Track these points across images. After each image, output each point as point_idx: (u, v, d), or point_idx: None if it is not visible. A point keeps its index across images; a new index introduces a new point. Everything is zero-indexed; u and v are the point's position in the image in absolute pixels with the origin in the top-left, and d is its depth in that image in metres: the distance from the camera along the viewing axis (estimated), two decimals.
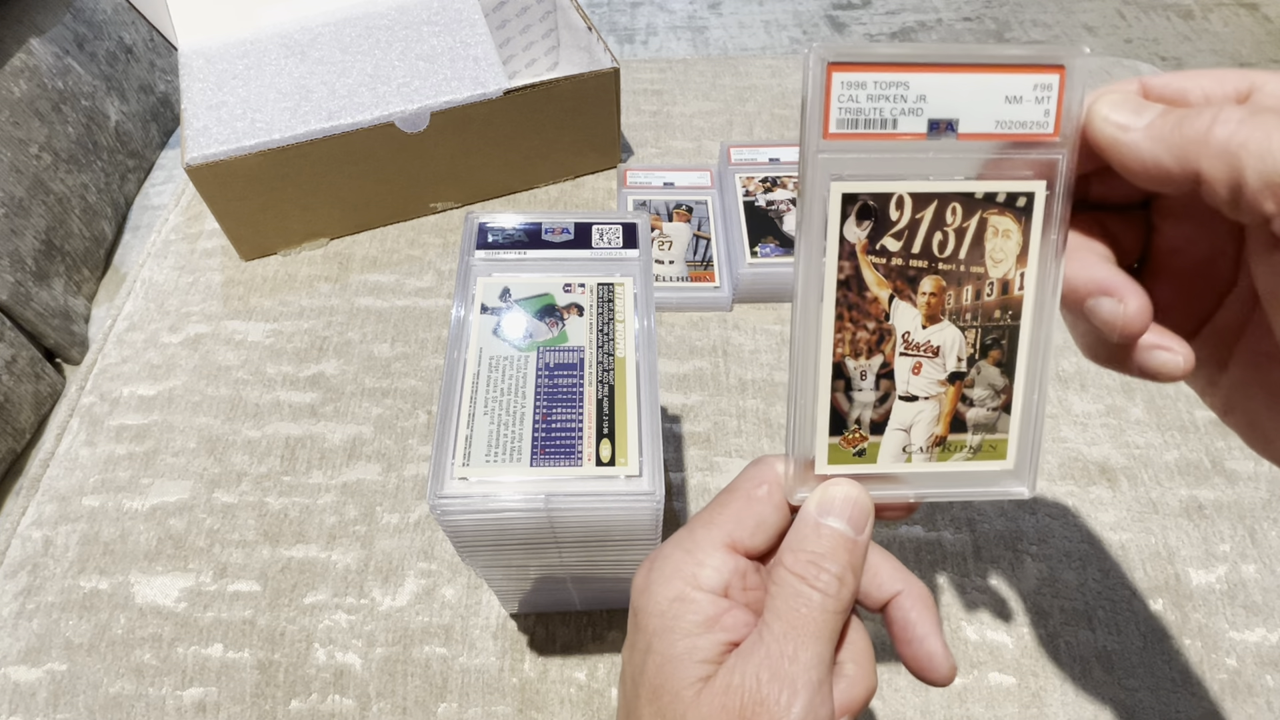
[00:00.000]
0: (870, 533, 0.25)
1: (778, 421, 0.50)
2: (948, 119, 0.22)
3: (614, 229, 0.37)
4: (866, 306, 0.23)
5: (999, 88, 0.21)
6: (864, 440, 0.25)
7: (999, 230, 0.23)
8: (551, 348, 0.33)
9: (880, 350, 0.24)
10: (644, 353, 0.33)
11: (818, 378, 0.24)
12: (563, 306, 0.34)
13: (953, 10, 1.92)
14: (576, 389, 0.32)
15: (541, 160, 0.64)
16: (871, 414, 0.24)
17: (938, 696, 0.40)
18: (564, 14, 0.68)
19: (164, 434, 0.51)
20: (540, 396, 0.32)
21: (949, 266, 0.23)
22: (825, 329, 0.23)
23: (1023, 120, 0.22)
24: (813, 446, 0.24)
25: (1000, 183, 0.22)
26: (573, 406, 0.32)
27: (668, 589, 0.24)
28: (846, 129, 0.22)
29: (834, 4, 1.94)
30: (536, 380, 0.32)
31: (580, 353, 0.33)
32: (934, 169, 0.22)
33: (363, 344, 0.55)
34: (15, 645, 0.43)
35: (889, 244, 0.23)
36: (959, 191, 0.22)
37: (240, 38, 0.62)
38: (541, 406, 0.31)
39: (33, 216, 0.77)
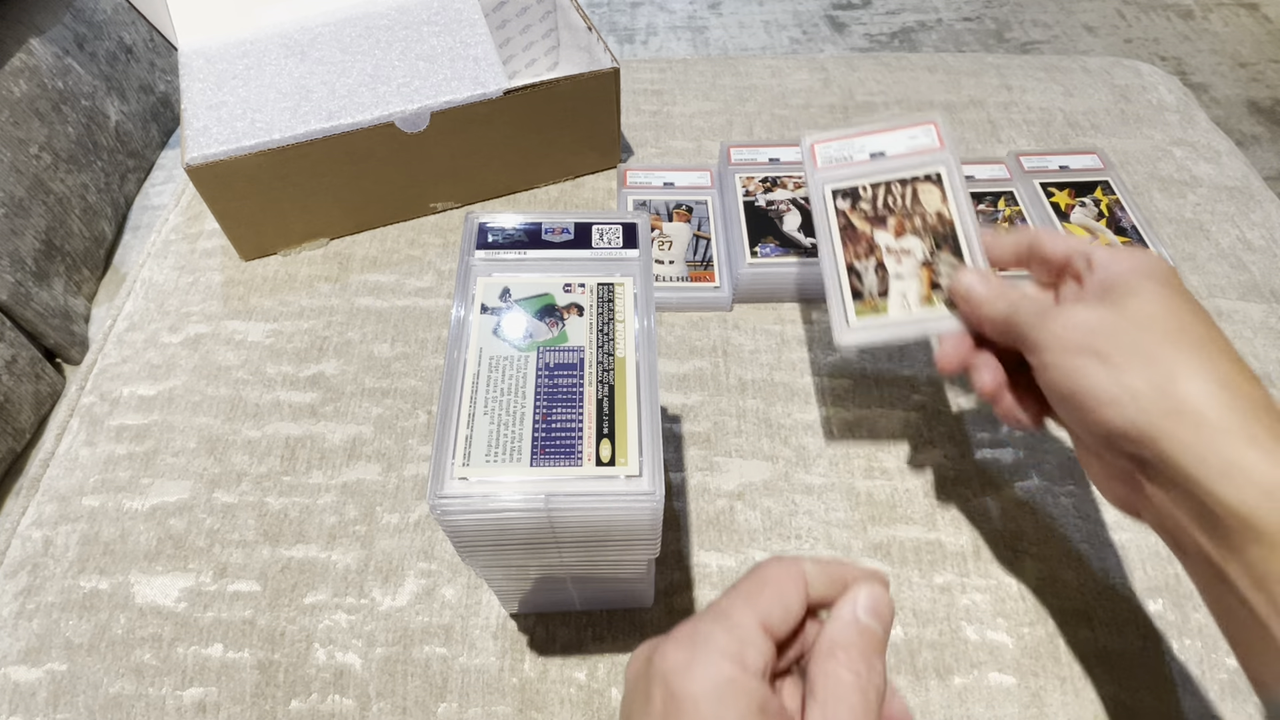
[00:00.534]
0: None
1: (778, 421, 0.50)
2: (880, 151, 0.45)
3: (614, 229, 0.37)
4: (858, 236, 0.42)
5: (907, 134, 0.44)
6: (874, 303, 0.41)
7: (926, 189, 0.43)
8: (551, 348, 0.33)
9: (873, 254, 0.42)
10: (644, 352, 0.33)
11: (839, 273, 0.42)
12: (563, 306, 0.34)
13: (953, 10, 1.92)
14: (576, 389, 0.32)
15: (541, 160, 0.64)
16: (876, 288, 0.41)
17: (938, 696, 0.40)
18: (564, 14, 0.68)
19: (164, 434, 0.51)
20: (540, 396, 0.32)
21: (902, 211, 0.43)
22: (837, 249, 0.42)
23: (922, 144, 0.44)
24: (845, 310, 0.41)
25: (923, 168, 0.43)
26: (573, 406, 0.31)
27: (716, 671, 0.23)
28: (827, 164, 0.45)
29: (834, 4, 1.94)
30: (536, 380, 0.32)
31: (580, 353, 0.33)
32: (875, 175, 0.44)
33: (363, 344, 0.55)
34: (15, 645, 0.43)
35: (864, 208, 0.43)
36: (897, 178, 0.44)
37: (240, 38, 0.62)
38: (541, 406, 0.31)
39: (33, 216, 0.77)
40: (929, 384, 0.52)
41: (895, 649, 0.42)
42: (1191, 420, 0.28)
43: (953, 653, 0.41)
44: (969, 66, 0.78)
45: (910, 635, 0.42)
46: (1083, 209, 0.62)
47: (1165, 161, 0.68)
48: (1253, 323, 0.56)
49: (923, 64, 0.78)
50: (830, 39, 1.84)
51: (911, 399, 0.52)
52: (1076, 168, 0.65)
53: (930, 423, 0.50)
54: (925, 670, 0.41)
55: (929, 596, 0.43)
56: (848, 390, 0.52)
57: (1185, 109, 0.73)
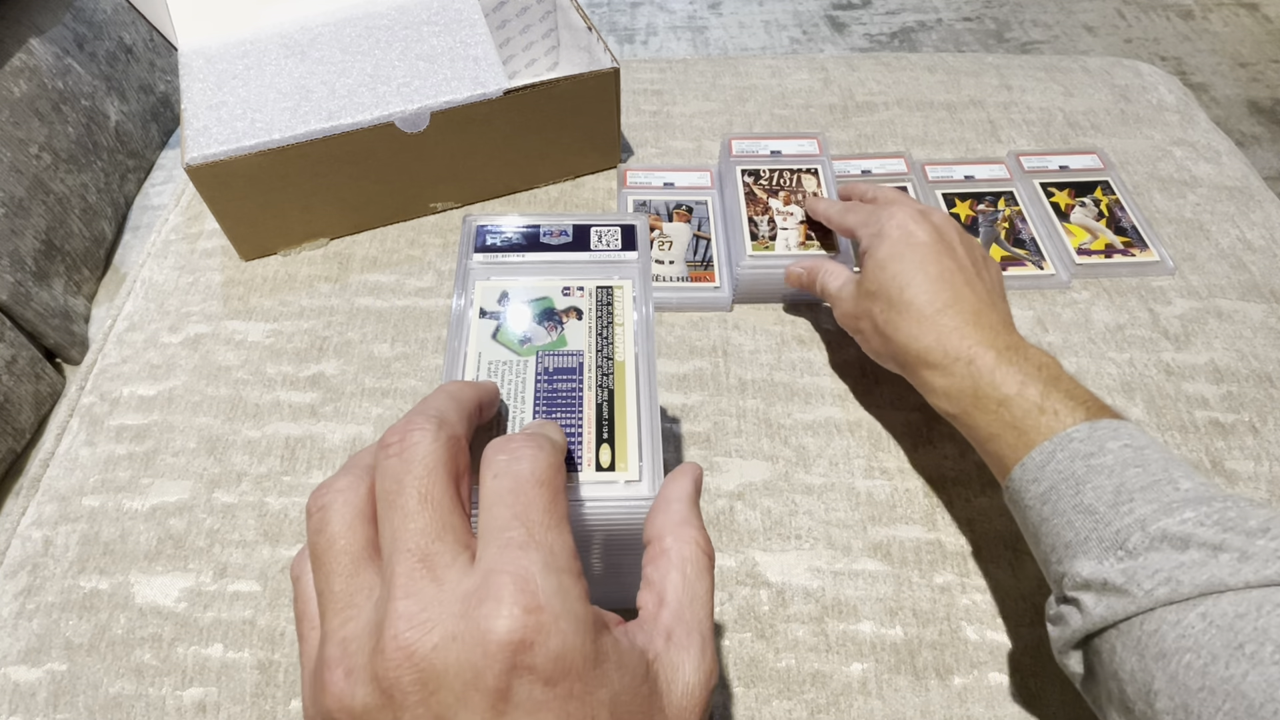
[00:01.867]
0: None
1: (778, 421, 0.50)
2: (778, 151, 0.61)
3: (613, 231, 0.37)
4: (758, 200, 0.58)
5: (797, 143, 0.62)
6: (766, 244, 0.55)
7: (807, 178, 0.59)
8: (550, 352, 0.33)
9: (767, 213, 0.57)
10: (643, 356, 0.33)
11: (743, 222, 0.57)
12: (561, 310, 0.34)
13: (953, 10, 1.92)
14: (576, 394, 0.32)
15: (541, 160, 0.64)
16: (767, 234, 0.56)
17: (938, 696, 0.40)
18: (564, 14, 0.68)
19: (164, 434, 0.51)
20: (540, 401, 0.31)
21: (789, 188, 0.58)
22: (742, 207, 0.58)
23: (807, 150, 0.61)
24: (745, 246, 0.55)
25: (806, 164, 0.60)
26: (572, 411, 0.31)
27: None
28: (739, 155, 0.61)
29: (834, 4, 1.94)
30: (536, 385, 0.32)
31: (579, 357, 0.33)
32: (772, 164, 0.60)
33: (363, 344, 0.55)
34: (15, 645, 0.43)
35: (764, 183, 0.59)
36: (788, 168, 0.60)
37: (240, 38, 0.62)
38: (540, 412, 0.31)
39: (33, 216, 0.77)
40: None
41: (895, 649, 0.42)
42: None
43: (953, 653, 0.41)
44: (969, 66, 0.78)
45: (910, 635, 0.42)
46: (1083, 209, 0.62)
47: (1165, 161, 0.68)
48: (1253, 323, 0.56)
49: (923, 64, 0.78)
50: (830, 39, 1.84)
51: (911, 399, 0.52)
52: (1076, 168, 0.65)
53: (930, 423, 0.50)
54: (925, 670, 0.41)
55: (929, 596, 0.43)
56: (848, 390, 0.52)
57: (1185, 109, 0.73)
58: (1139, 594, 0.30)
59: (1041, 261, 0.58)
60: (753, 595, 0.43)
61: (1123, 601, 0.31)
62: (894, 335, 0.44)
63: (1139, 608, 0.30)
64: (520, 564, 0.20)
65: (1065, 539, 0.34)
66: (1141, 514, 0.32)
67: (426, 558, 0.21)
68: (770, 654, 0.41)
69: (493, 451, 0.24)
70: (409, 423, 0.23)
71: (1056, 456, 0.36)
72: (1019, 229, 0.60)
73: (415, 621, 0.19)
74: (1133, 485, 0.34)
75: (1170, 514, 0.32)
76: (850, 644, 0.42)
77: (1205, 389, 0.52)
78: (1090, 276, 0.58)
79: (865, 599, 0.43)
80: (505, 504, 0.22)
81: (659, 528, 0.26)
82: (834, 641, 0.42)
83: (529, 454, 0.23)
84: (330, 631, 0.21)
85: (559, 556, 0.21)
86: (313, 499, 0.24)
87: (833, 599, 0.43)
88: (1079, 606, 0.33)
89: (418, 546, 0.21)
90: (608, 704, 0.20)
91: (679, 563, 0.25)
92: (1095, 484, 0.34)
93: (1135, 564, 0.31)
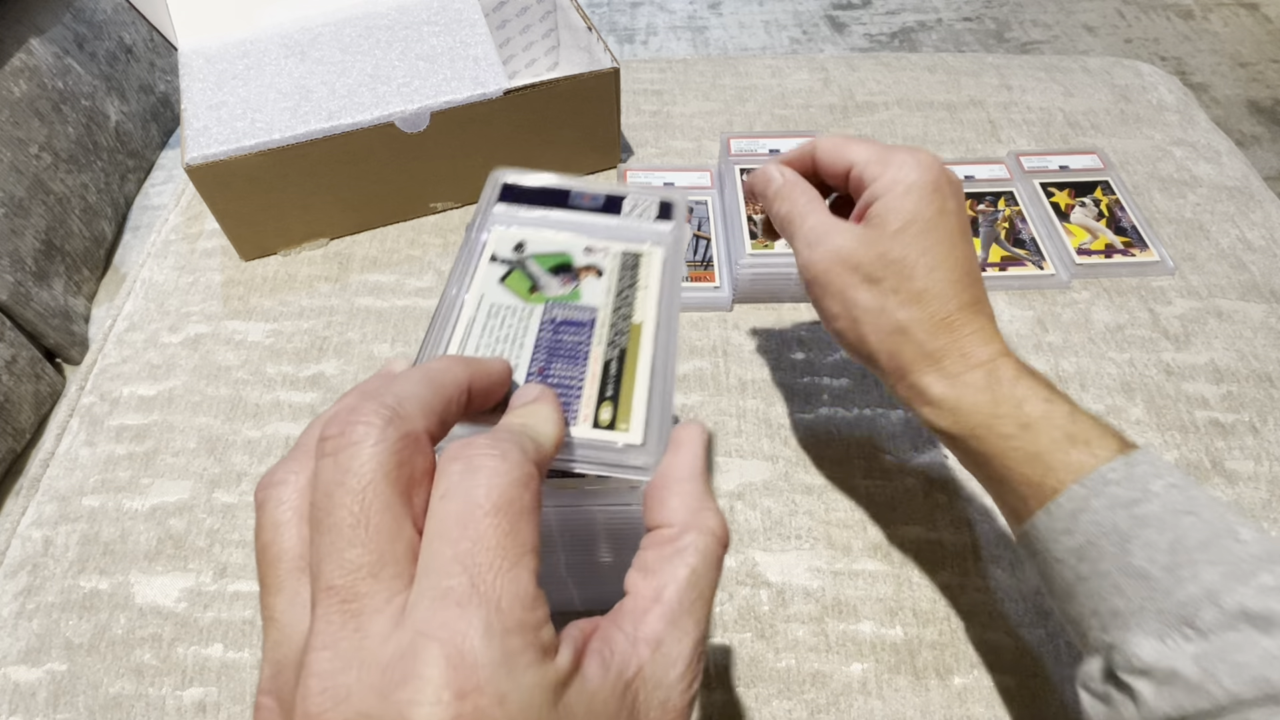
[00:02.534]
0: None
1: (778, 421, 0.50)
2: (776, 149, 0.62)
3: (650, 205, 0.33)
4: (757, 202, 0.44)
5: (795, 141, 0.62)
6: (765, 243, 0.56)
7: None
8: (561, 303, 0.29)
9: (761, 213, 0.53)
10: (664, 321, 0.29)
11: (741, 223, 0.57)
12: (580, 266, 0.31)
13: (953, 10, 1.92)
14: (582, 347, 0.28)
15: (541, 160, 0.64)
16: (764, 233, 0.56)
17: (938, 696, 0.40)
18: (564, 14, 0.68)
19: (164, 434, 0.51)
20: (540, 350, 0.28)
21: None
22: (741, 206, 0.58)
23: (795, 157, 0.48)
24: (744, 244, 0.56)
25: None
26: (575, 363, 0.28)
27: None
28: (737, 153, 0.63)
29: (834, 4, 1.94)
30: (539, 334, 0.28)
31: (593, 312, 0.29)
32: (769, 161, 0.47)
33: (363, 344, 0.55)
34: (15, 645, 0.43)
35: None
36: None
37: (240, 38, 0.62)
38: (539, 360, 0.28)
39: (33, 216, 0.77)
40: None
41: (895, 649, 0.42)
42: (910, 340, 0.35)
43: (953, 653, 0.41)
44: (969, 66, 0.78)
45: (910, 635, 0.42)
46: (1083, 209, 0.62)
47: (1165, 161, 0.68)
48: (1253, 323, 0.56)
49: (923, 64, 0.78)
50: (830, 39, 1.84)
51: None
52: (1076, 168, 0.65)
53: None
54: (925, 670, 0.41)
55: (929, 596, 0.43)
56: (848, 390, 0.52)
57: (1185, 109, 0.73)
58: (1218, 693, 0.25)
59: (1041, 261, 0.58)
60: (753, 595, 0.43)
61: (1195, 698, 0.25)
62: (889, 324, 0.34)
63: (1216, 706, 0.25)
64: (455, 628, 0.16)
65: (1112, 605, 0.29)
66: (1209, 581, 0.26)
67: (351, 599, 0.17)
68: (770, 654, 0.41)
69: (447, 458, 0.19)
70: (354, 412, 0.19)
71: (1093, 504, 0.29)
72: (1019, 229, 0.60)
73: (327, 686, 0.16)
74: (1190, 540, 0.28)
75: (1244, 580, 0.26)
76: (850, 644, 0.42)
77: (1205, 389, 0.52)
78: (1090, 276, 0.58)
79: (865, 599, 0.43)
80: (449, 539, 0.18)
81: (669, 513, 0.22)
82: (834, 641, 0.42)
83: (489, 466, 0.19)
84: (265, 647, 0.19)
85: (508, 611, 0.17)
86: (256, 489, 0.21)
87: (833, 599, 0.43)
88: (1134, 696, 0.27)
89: (344, 584, 0.17)
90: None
91: (690, 556, 0.21)
92: (1145, 539, 0.28)
93: (1209, 649, 0.25)
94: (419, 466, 0.19)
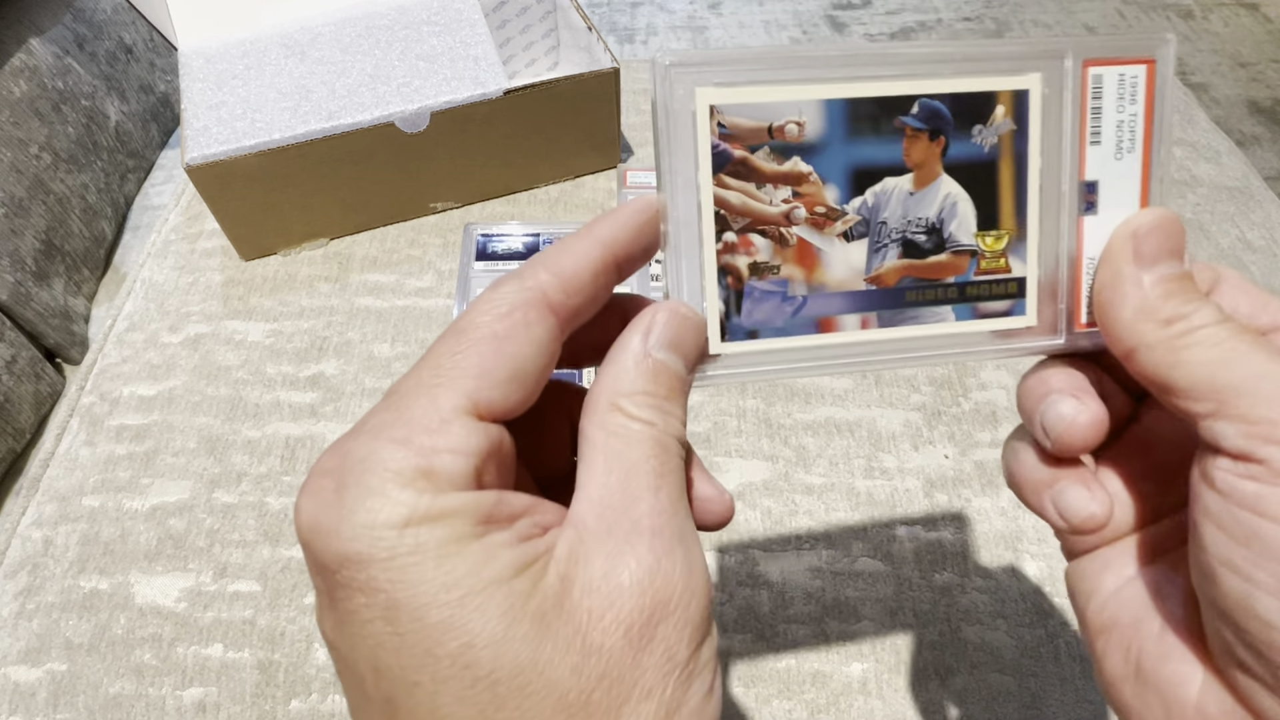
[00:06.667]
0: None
1: (778, 421, 0.50)
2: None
3: None
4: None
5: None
6: None
7: None
8: None
9: None
10: None
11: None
12: None
13: (953, 10, 1.92)
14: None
15: (541, 160, 0.64)
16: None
17: (938, 697, 0.40)
18: (564, 14, 0.68)
19: (164, 434, 0.51)
20: None
21: None
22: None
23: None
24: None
25: None
26: None
27: (377, 513, 0.15)
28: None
29: (834, 4, 1.94)
30: None
31: None
32: None
33: (363, 344, 0.55)
34: (15, 645, 0.43)
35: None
36: None
37: (240, 38, 0.62)
38: None
39: (33, 216, 0.77)
40: (929, 384, 0.52)
41: (896, 649, 0.42)
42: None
43: (953, 653, 0.41)
44: None
45: (910, 635, 0.42)
46: None
47: None
48: None
49: None
50: (830, 39, 1.84)
51: (911, 399, 0.52)
52: None
53: (930, 423, 0.50)
54: (925, 670, 0.41)
55: (929, 597, 0.43)
56: (848, 390, 0.52)
57: (1185, 109, 0.73)
58: None
59: None
60: (753, 596, 0.43)
61: None
62: None
63: None
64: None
65: None
66: None
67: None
68: (770, 654, 0.41)
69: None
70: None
71: None
72: None
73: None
74: None
75: None
76: (850, 644, 0.42)
77: None
78: None
79: (865, 599, 0.43)
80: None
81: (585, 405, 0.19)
82: (834, 641, 0.42)
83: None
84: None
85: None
86: None
87: (833, 599, 0.43)
88: None
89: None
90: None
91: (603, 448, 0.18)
92: None
93: None
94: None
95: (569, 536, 0.17)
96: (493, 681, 0.15)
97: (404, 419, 0.17)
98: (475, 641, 0.15)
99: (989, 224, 0.22)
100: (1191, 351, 0.18)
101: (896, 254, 0.22)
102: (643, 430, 0.18)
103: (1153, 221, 0.21)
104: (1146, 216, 0.21)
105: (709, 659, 0.17)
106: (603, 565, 0.16)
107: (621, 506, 0.17)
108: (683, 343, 0.19)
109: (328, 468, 0.17)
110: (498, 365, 0.17)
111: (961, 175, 0.22)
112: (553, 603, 0.15)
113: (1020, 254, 0.23)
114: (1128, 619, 0.20)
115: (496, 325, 0.18)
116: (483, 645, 0.15)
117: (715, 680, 0.17)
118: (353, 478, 0.16)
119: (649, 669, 0.16)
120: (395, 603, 0.15)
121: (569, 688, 0.15)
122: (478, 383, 0.17)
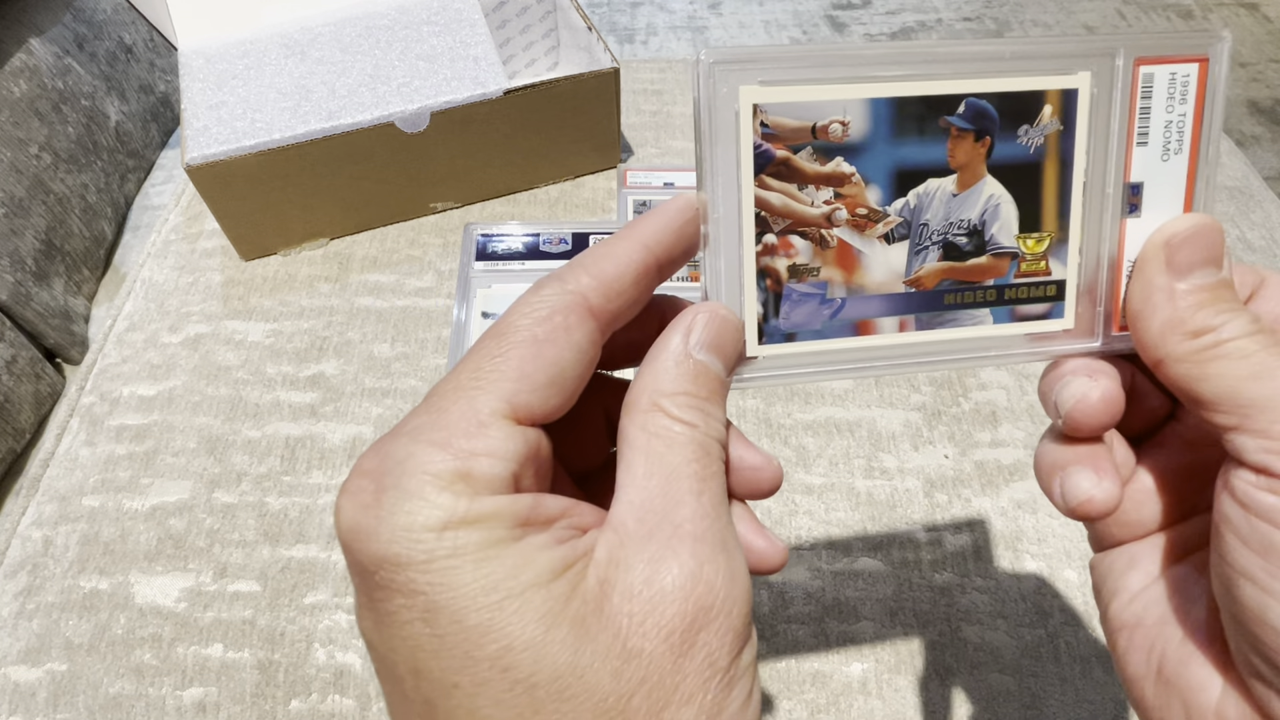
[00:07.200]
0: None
1: (778, 421, 0.50)
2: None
3: None
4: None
5: None
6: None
7: None
8: None
9: None
10: None
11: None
12: None
13: (953, 10, 1.92)
14: None
15: (541, 160, 0.64)
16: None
17: (938, 697, 0.40)
18: (564, 14, 0.68)
19: (164, 434, 0.51)
20: None
21: None
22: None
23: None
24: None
25: None
26: None
27: (415, 515, 0.15)
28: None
29: (834, 4, 1.94)
30: None
31: None
32: None
33: (363, 344, 0.55)
34: (15, 645, 0.43)
35: None
36: None
37: (240, 38, 0.62)
38: None
39: (33, 216, 0.77)
40: (929, 384, 0.52)
41: (896, 649, 0.42)
42: None
43: (953, 653, 0.41)
44: None
45: (910, 635, 0.42)
46: None
47: None
48: None
49: None
50: (830, 39, 1.84)
51: (911, 399, 0.52)
52: None
53: (930, 423, 0.50)
54: (925, 670, 0.41)
55: (929, 597, 0.43)
56: (848, 390, 0.52)
57: None
58: None
59: None
60: (753, 596, 0.43)
61: None
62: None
63: None
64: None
65: None
66: None
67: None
68: (770, 654, 0.41)
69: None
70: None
71: None
72: None
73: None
74: None
75: None
76: (850, 644, 0.42)
77: None
78: None
79: (865, 599, 0.43)
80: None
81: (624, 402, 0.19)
82: (834, 641, 0.42)
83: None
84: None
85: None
86: None
87: (833, 599, 0.43)
88: None
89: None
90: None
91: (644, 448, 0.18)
92: None
93: None
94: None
95: (609, 540, 0.17)
96: (531, 685, 0.15)
97: (443, 422, 0.17)
98: (514, 644, 0.15)
99: (1031, 226, 0.22)
100: (1217, 365, 0.18)
101: (937, 256, 0.22)
102: (685, 432, 0.18)
103: (1188, 229, 0.20)
104: (1182, 224, 0.21)
105: (749, 664, 0.17)
106: (644, 570, 0.16)
107: (663, 510, 0.17)
108: (723, 345, 0.20)
109: (367, 469, 0.17)
110: (537, 370, 0.17)
111: (1005, 176, 0.21)
112: (592, 607, 0.16)
113: (1061, 256, 0.22)
114: (1152, 620, 0.21)
115: (536, 329, 0.18)
116: (521, 648, 0.15)
117: (755, 686, 0.17)
118: (391, 480, 0.16)
119: (690, 674, 0.16)
120: (434, 605, 0.15)
121: (608, 692, 0.15)
122: (516, 386, 0.17)
